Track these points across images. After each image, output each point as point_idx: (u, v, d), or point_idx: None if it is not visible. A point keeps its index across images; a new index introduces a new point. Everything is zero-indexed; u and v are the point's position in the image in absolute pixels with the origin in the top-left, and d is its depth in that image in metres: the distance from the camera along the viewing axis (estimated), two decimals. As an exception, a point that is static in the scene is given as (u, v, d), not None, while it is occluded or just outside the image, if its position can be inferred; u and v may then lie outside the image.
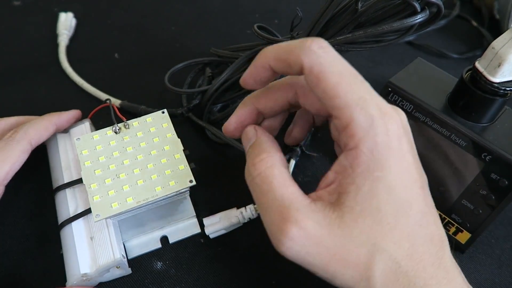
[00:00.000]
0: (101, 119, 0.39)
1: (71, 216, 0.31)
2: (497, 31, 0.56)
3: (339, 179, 0.22)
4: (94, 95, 0.44)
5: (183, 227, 0.34)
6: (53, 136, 0.35)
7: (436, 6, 0.31)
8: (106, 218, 0.29)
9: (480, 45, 0.56)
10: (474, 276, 0.33)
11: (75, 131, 0.36)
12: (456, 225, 0.34)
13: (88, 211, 0.30)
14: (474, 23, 0.59)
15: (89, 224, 0.30)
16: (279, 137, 0.42)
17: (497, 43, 0.29)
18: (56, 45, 0.49)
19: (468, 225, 0.33)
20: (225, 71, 0.39)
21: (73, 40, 0.51)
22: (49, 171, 0.35)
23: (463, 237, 0.34)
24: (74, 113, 0.37)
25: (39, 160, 0.37)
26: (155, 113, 0.34)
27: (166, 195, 0.30)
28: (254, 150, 0.25)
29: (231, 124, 0.28)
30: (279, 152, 0.25)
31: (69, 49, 0.49)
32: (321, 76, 0.21)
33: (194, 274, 0.32)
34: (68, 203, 0.31)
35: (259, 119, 0.28)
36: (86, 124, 0.36)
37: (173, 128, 0.33)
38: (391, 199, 0.21)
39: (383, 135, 0.21)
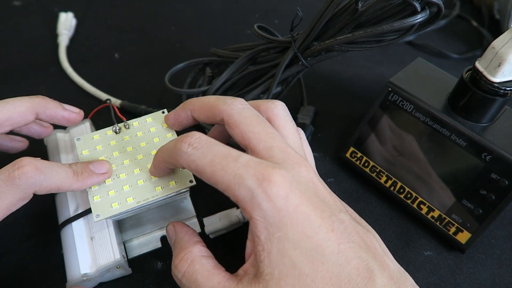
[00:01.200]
0: (101, 119, 0.39)
1: (71, 216, 0.30)
2: (497, 31, 0.56)
3: (253, 248, 0.23)
4: (94, 95, 0.44)
5: None
6: (53, 136, 0.35)
7: (436, 6, 0.31)
8: (106, 218, 0.29)
9: (480, 45, 0.56)
10: (474, 276, 0.33)
11: (75, 131, 0.35)
12: (456, 225, 0.34)
13: (88, 211, 0.30)
14: (474, 23, 0.59)
15: (89, 224, 0.30)
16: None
17: (497, 43, 0.29)
18: (56, 45, 0.49)
19: (468, 225, 0.33)
20: (225, 71, 0.39)
21: (73, 40, 0.51)
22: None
23: (463, 237, 0.34)
24: (71, 116, 0.32)
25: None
26: (155, 113, 0.34)
27: (166, 195, 0.29)
28: (175, 249, 0.27)
29: (170, 119, 0.31)
30: (198, 244, 0.26)
31: (69, 49, 0.49)
32: (198, 171, 0.24)
33: (194, 274, 0.32)
34: (68, 203, 0.31)
35: (195, 121, 0.30)
36: (87, 124, 0.36)
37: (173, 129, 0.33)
38: (301, 252, 0.22)
39: (266, 202, 0.22)
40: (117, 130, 0.32)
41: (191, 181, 0.30)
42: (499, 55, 0.29)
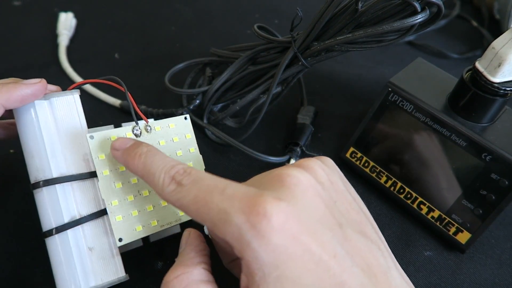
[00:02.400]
0: (101, 119, 0.39)
1: (65, 222, 0.26)
2: (497, 31, 0.56)
3: (248, 285, 0.21)
4: (94, 95, 0.44)
5: None
6: (30, 107, 0.27)
7: (436, 6, 0.31)
8: (128, 243, 0.26)
9: (480, 45, 0.56)
10: (474, 276, 0.33)
11: (60, 101, 0.28)
12: (456, 225, 0.34)
13: (89, 218, 0.26)
14: (474, 23, 0.59)
15: (89, 232, 0.26)
16: (275, 139, 0.42)
17: (497, 43, 0.29)
18: (56, 45, 0.49)
19: (468, 225, 0.33)
20: (225, 71, 0.39)
21: (73, 40, 0.50)
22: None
23: (463, 237, 0.34)
24: (34, 88, 0.27)
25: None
26: (177, 118, 0.31)
27: (187, 219, 0.28)
28: (176, 261, 0.24)
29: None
30: (200, 265, 0.24)
31: (69, 49, 0.49)
32: (184, 210, 0.22)
33: (194, 274, 0.32)
34: (60, 204, 0.26)
35: None
36: (76, 96, 0.29)
37: (195, 141, 0.31)
38: None
39: (256, 240, 0.19)
40: (138, 133, 0.29)
41: None
42: (499, 55, 0.29)
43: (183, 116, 0.31)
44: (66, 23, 0.50)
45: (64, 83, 0.45)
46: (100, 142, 0.27)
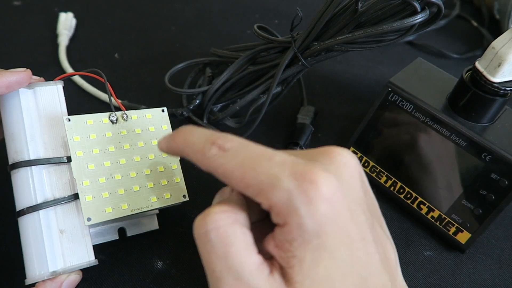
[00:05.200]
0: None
1: (38, 202, 0.26)
2: (497, 31, 0.56)
3: (279, 251, 0.20)
4: (94, 95, 0.44)
5: (142, 222, 0.32)
6: (15, 94, 0.29)
7: (436, 6, 0.31)
8: (98, 223, 0.27)
9: (480, 45, 0.56)
10: (474, 276, 0.33)
11: (43, 90, 0.29)
12: (456, 225, 0.34)
13: (62, 200, 0.27)
14: (474, 23, 0.59)
15: (61, 215, 0.27)
16: (277, 137, 0.42)
17: (497, 43, 0.29)
18: (56, 45, 0.49)
19: (468, 225, 0.33)
20: (225, 71, 0.39)
21: (73, 40, 0.50)
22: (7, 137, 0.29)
23: (463, 237, 0.34)
24: (19, 76, 0.28)
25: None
26: (154, 109, 0.32)
27: (160, 207, 0.28)
28: (222, 200, 0.23)
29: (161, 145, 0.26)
30: (246, 213, 0.22)
31: (69, 49, 0.49)
32: (227, 175, 0.21)
33: (195, 274, 0.32)
34: (34, 185, 0.27)
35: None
36: (59, 87, 0.30)
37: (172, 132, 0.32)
38: (337, 263, 0.20)
39: (305, 206, 0.19)
40: (114, 120, 0.29)
41: (184, 196, 0.29)
42: (499, 55, 0.29)
43: (160, 109, 0.32)
44: (66, 23, 0.50)
45: (64, 83, 0.45)
46: (77, 125, 0.28)
